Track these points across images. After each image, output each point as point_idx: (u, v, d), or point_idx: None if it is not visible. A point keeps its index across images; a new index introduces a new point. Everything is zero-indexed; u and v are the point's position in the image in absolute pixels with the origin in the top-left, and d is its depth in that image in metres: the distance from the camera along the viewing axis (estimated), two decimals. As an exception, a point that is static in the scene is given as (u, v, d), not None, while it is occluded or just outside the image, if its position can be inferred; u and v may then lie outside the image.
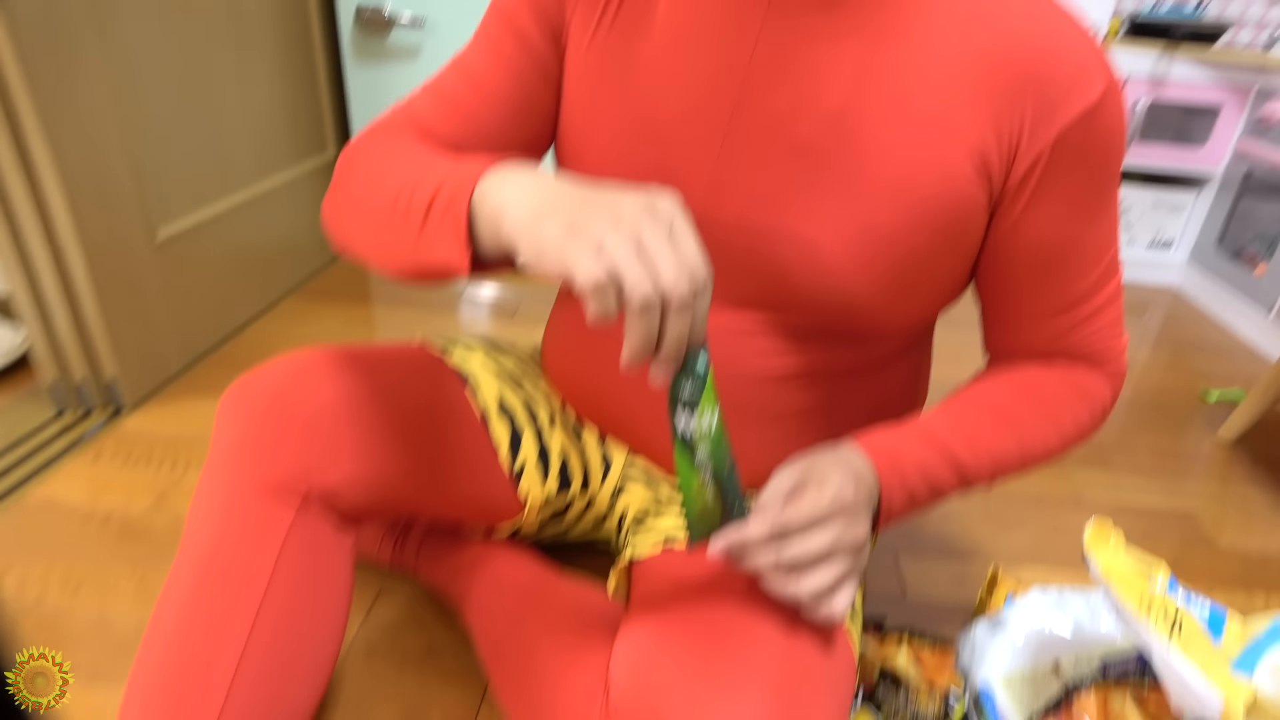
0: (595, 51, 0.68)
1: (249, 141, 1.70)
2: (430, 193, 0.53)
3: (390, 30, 1.85)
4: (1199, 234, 2.49)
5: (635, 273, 0.42)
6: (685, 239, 0.45)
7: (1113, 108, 0.57)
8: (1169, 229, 2.52)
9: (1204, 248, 2.45)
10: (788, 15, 0.59)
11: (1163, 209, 2.49)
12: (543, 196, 0.47)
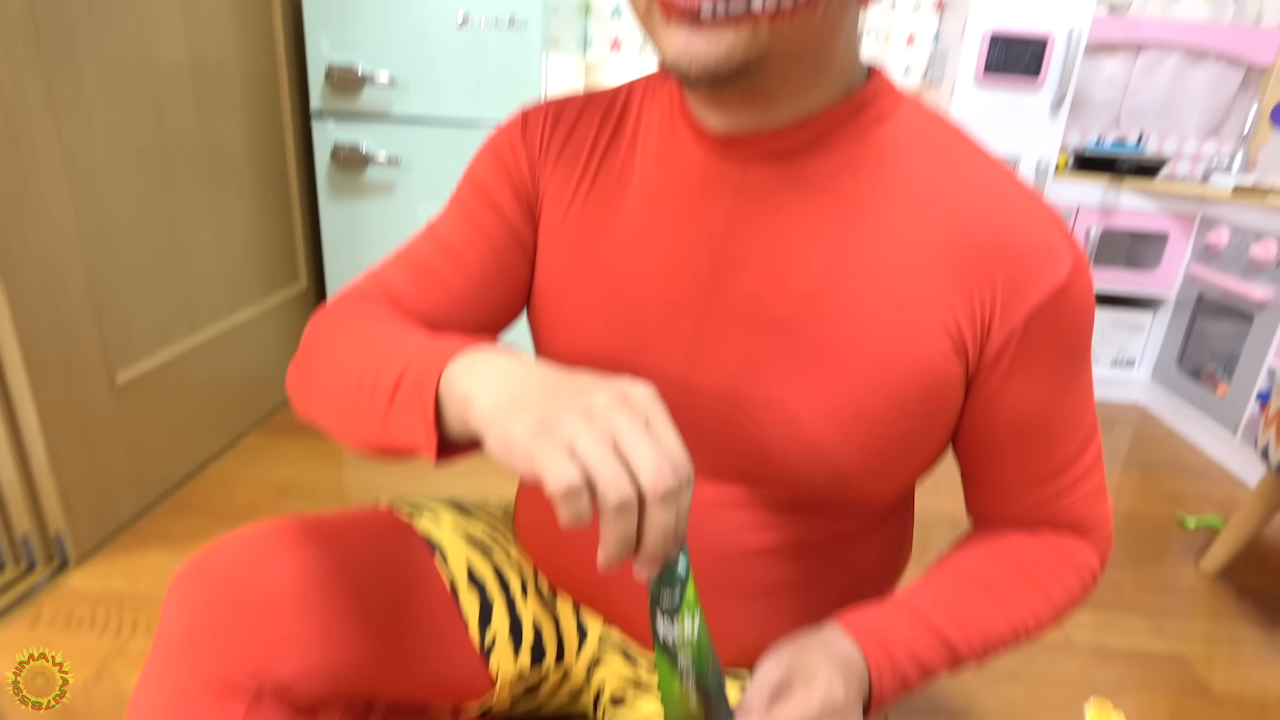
0: (570, 223, 0.68)
1: (219, 276, 1.69)
2: (397, 373, 0.51)
3: (366, 168, 1.89)
4: (1159, 353, 2.55)
5: (610, 472, 0.40)
6: (664, 432, 0.43)
7: (1080, 284, 0.58)
8: (1130, 348, 2.58)
9: (1165, 366, 2.51)
10: (757, 196, 0.60)
11: (1123, 328, 2.56)
12: (512, 385, 0.45)
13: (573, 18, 2.25)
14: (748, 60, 0.51)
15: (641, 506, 0.41)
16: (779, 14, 0.50)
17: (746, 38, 0.50)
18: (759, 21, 0.50)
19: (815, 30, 0.52)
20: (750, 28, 0.50)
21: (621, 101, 0.69)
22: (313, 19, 1.79)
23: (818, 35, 0.53)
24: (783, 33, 0.51)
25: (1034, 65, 2.12)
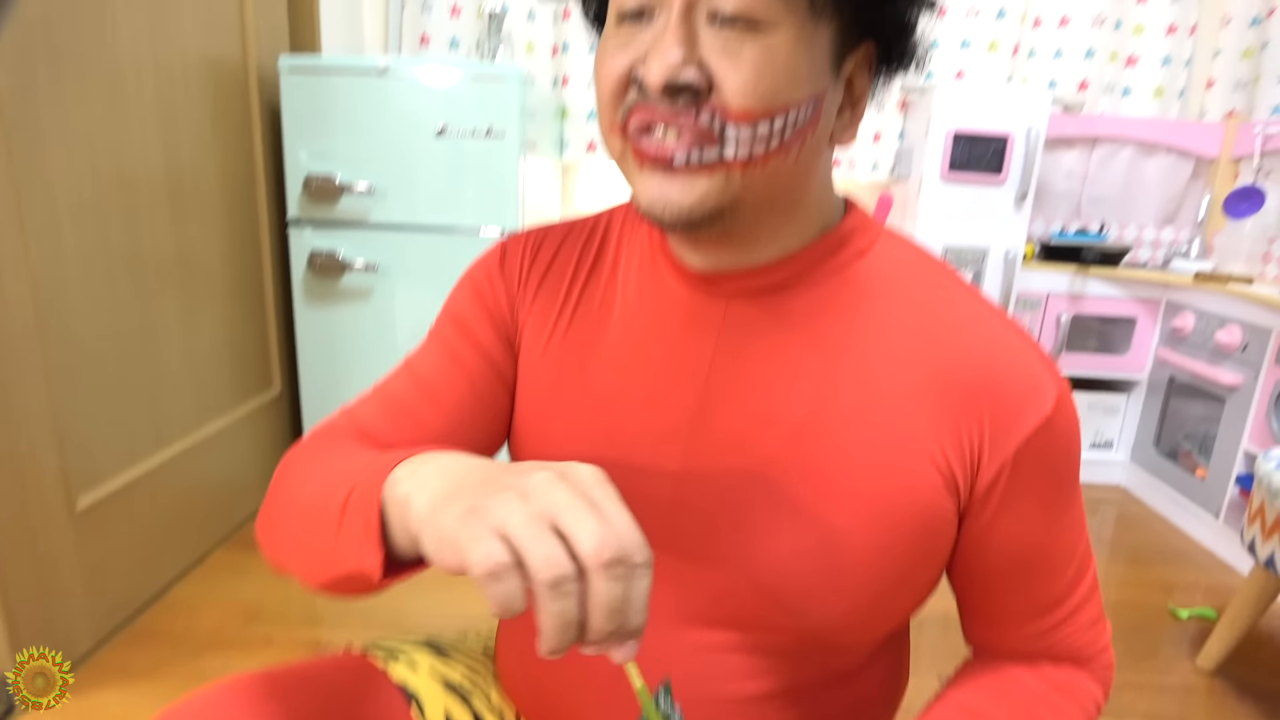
0: (551, 356, 0.67)
1: (190, 388, 1.66)
2: (346, 492, 0.48)
3: (343, 274, 1.88)
4: (1136, 434, 2.57)
5: (542, 547, 0.37)
6: (610, 507, 0.39)
7: (1065, 414, 0.57)
8: (1107, 430, 2.60)
9: (1143, 447, 2.52)
10: (741, 332, 0.59)
11: (1099, 411, 2.58)
12: (450, 480, 0.43)
13: (549, 121, 2.30)
14: (721, 206, 0.51)
15: (584, 584, 0.38)
16: (751, 161, 0.50)
17: (720, 184, 0.50)
18: (731, 169, 0.50)
19: (788, 174, 0.53)
20: (723, 174, 0.50)
21: (600, 232, 0.69)
22: (292, 132, 1.81)
23: (790, 178, 0.53)
24: (755, 178, 0.51)
25: (996, 162, 2.20)
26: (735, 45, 0.47)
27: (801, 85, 0.49)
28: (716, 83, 0.48)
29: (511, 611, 0.37)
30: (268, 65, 1.85)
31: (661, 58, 0.47)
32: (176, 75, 1.55)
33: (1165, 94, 2.59)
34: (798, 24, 0.48)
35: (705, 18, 0.48)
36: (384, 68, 1.77)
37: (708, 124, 0.48)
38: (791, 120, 0.49)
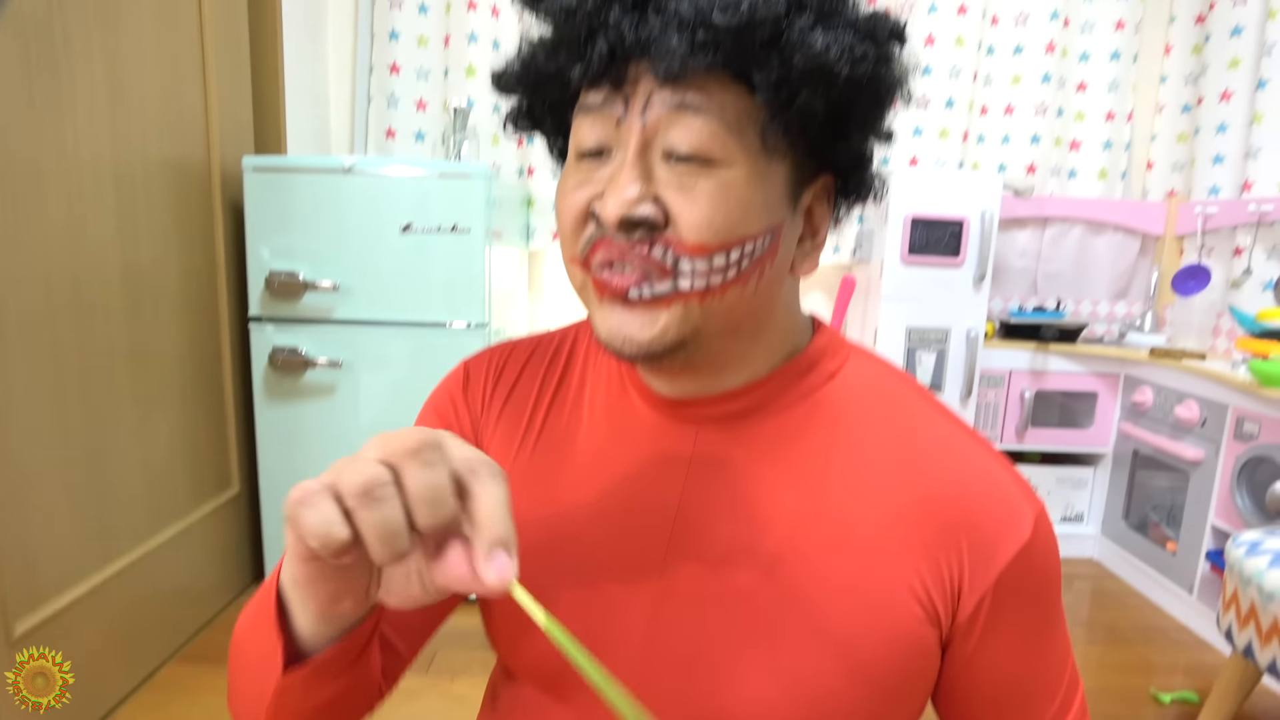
0: (515, 485, 0.65)
1: (143, 495, 1.60)
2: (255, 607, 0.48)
3: (305, 371, 1.85)
4: (1105, 507, 2.59)
5: (352, 467, 0.36)
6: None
7: (1044, 538, 0.57)
8: (1077, 504, 2.62)
9: (1113, 520, 2.54)
10: (712, 461, 0.58)
11: (1067, 485, 2.60)
12: None
13: (515, 211, 2.32)
14: (682, 337, 0.51)
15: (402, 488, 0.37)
16: (708, 292, 0.50)
17: (678, 316, 0.50)
18: (689, 299, 0.49)
19: (749, 303, 0.52)
20: (681, 306, 0.50)
21: (566, 351, 0.68)
22: (254, 230, 1.80)
23: (752, 307, 0.53)
24: (714, 309, 0.51)
25: (954, 245, 2.25)
26: (689, 181, 0.48)
27: (757, 218, 0.49)
28: (672, 217, 0.48)
29: (329, 539, 0.35)
30: (232, 165, 1.85)
31: (617, 193, 0.47)
32: (137, 176, 1.54)
33: (1109, 175, 2.70)
34: (751, 160, 0.49)
35: (660, 155, 0.48)
36: (349, 167, 1.77)
37: (660, 257, 0.48)
38: (748, 251, 0.49)
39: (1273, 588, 1.26)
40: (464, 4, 2.37)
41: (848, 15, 0.49)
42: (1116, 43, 2.63)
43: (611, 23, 0.47)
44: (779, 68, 0.46)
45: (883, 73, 0.50)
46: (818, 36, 0.46)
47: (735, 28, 0.45)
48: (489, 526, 0.38)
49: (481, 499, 0.39)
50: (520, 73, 0.55)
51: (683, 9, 0.45)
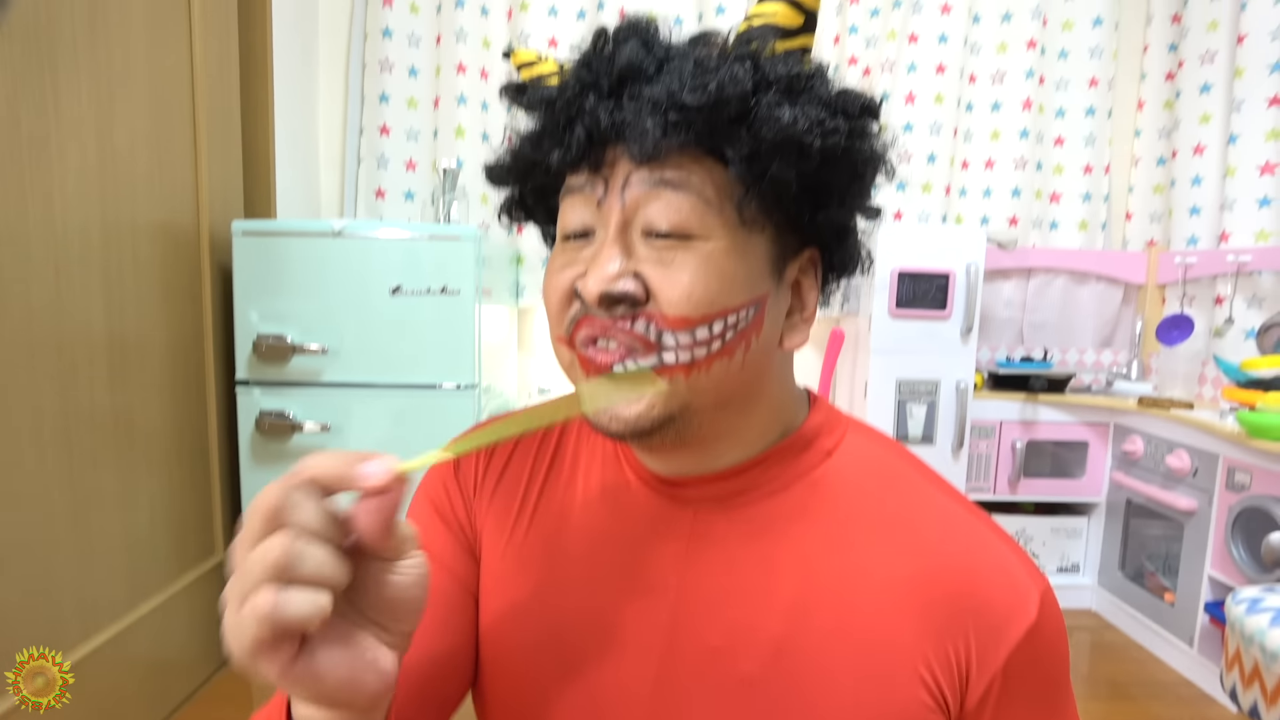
0: (509, 566, 0.63)
1: (123, 565, 1.56)
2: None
3: (293, 435, 1.83)
4: (1100, 557, 2.57)
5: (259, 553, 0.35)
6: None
7: (1051, 617, 0.55)
8: (1072, 554, 2.60)
9: (1109, 570, 2.52)
10: (711, 543, 0.57)
11: (1062, 535, 2.59)
12: None
13: (504, 268, 2.33)
14: (669, 413, 0.51)
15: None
16: (693, 365, 0.50)
17: (664, 391, 0.50)
18: (674, 373, 0.49)
19: (736, 376, 0.52)
20: (666, 380, 0.50)
21: (558, 428, 0.67)
22: (242, 293, 1.80)
23: (740, 381, 0.53)
24: (701, 383, 0.50)
25: (940, 298, 2.27)
26: (669, 256, 0.49)
27: (738, 291, 0.50)
28: (653, 292, 0.49)
29: (319, 610, 0.35)
30: (220, 229, 1.85)
31: (599, 270, 0.48)
32: (125, 241, 1.53)
33: (1090, 226, 2.75)
34: (729, 234, 0.49)
35: (640, 233, 0.49)
36: (338, 230, 1.78)
37: (644, 331, 0.49)
38: (731, 324, 0.50)
39: (1275, 647, 1.24)
40: (453, 68, 2.41)
41: (817, 92, 0.50)
42: (1091, 99, 2.70)
43: (588, 109, 0.49)
44: (749, 142, 0.48)
45: (858, 146, 0.51)
46: (784, 111, 0.47)
47: (705, 106, 0.46)
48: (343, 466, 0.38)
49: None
50: (510, 164, 0.57)
51: (655, 92, 0.47)
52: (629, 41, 0.50)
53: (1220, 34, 2.47)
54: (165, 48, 1.67)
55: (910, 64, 2.62)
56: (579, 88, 0.50)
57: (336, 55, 2.47)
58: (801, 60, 0.51)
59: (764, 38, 0.51)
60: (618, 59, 0.49)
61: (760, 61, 0.49)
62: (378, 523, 0.38)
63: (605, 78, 0.49)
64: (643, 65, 0.49)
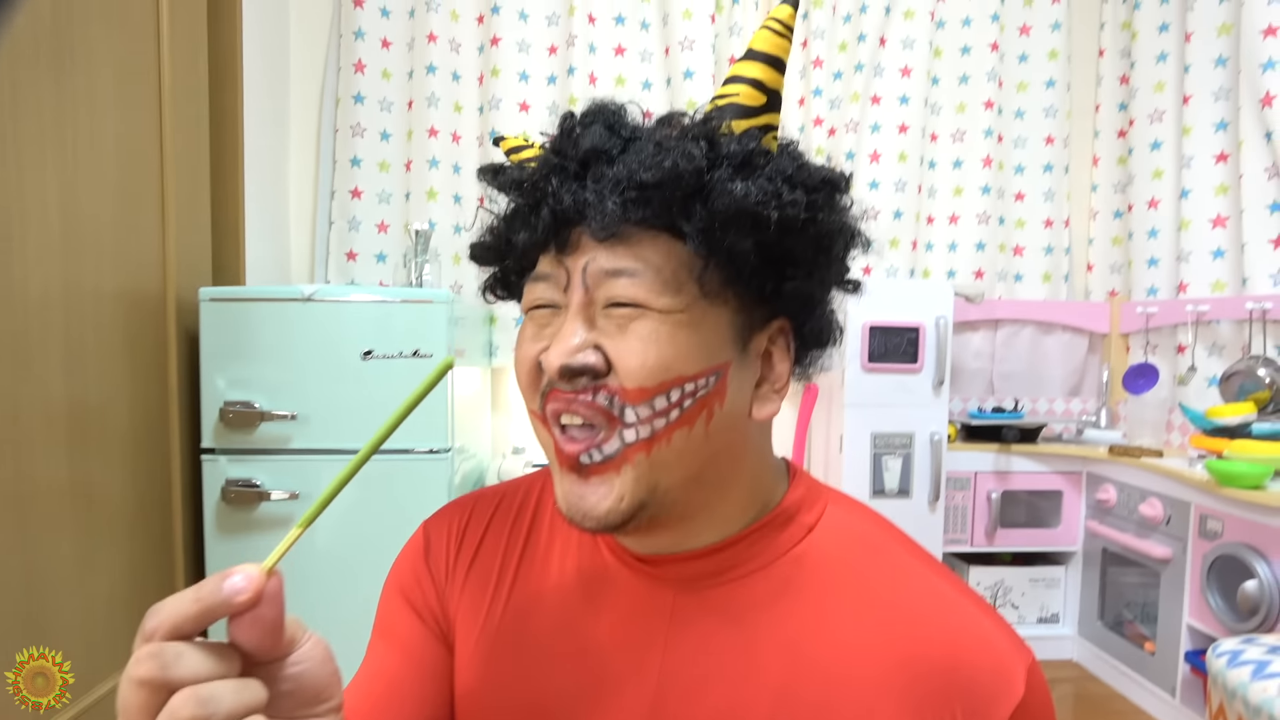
0: (483, 653, 0.61)
1: (80, 646, 1.49)
2: None
3: (259, 504, 1.78)
4: (1080, 607, 2.56)
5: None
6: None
7: (1038, 692, 0.54)
8: (1052, 604, 2.59)
9: (1088, 620, 2.51)
10: (692, 627, 0.55)
11: (1040, 585, 2.58)
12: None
13: (477, 329, 2.32)
14: (639, 500, 0.50)
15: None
16: (654, 439, 0.49)
17: (631, 479, 0.50)
18: (637, 454, 0.49)
19: (702, 447, 0.52)
20: (631, 467, 0.50)
21: (533, 504, 0.65)
22: (210, 360, 1.76)
23: (708, 452, 0.52)
24: (665, 458, 0.50)
25: (911, 352, 2.30)
26: (626, 325, 0.49)
27: (695, 359, 0.50)
28: (613, 363, 0.49)
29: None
30: (188, 295, 1.82)
31: (561, 344, 0.49)
32: (88, 308, 1.50)
33: (1053, 278, 2.81)
34: (689, 307, 0.50)
35: (602, 307, 0.50)
36: (308, 295, 1.76)
37: (606, 404, 0.49)
38: (689, 391, 0.50)
39: (1259, 701, 1.24)
40: (425, 131, 2.43)
41: (776, 166, 0.51)
42: (1048, 156, 2.79)
43: (553, 191, 0.50)
44: (703, 216, 0.49)
45: (820, 219, 0.52)
46: (737, 185, 0.48)
47: (660, 184, 0.48)
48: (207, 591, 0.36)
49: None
50: (490, 244, 0.58)
51: (614, 172, 0.49)
52: (594, 125, 0.52)
53: (1167, 94, 2.58)
54: (134, 111, 1.66)
55: (874, 124, 2.69)
56: (546, 170, 0.51)
57: (308, 120, 2.48)
58: (760, 138, 0.52)
59: (725, 117, 0.52)
60: (582, 143, 0.51)
61: (716, 139, 0.50)
62: (265, 632, 0.37)
63: (571, 161, 0.51)
64: (606, 148, 0.50)
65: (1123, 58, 2.77)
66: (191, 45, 1.89)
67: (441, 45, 2.44)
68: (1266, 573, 1.75)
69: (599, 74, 2.54)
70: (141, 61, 1.69)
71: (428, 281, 2.25)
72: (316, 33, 2.46)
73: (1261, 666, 1.29)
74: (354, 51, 2.39)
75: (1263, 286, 2.25)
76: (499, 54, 2.48)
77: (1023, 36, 2.79)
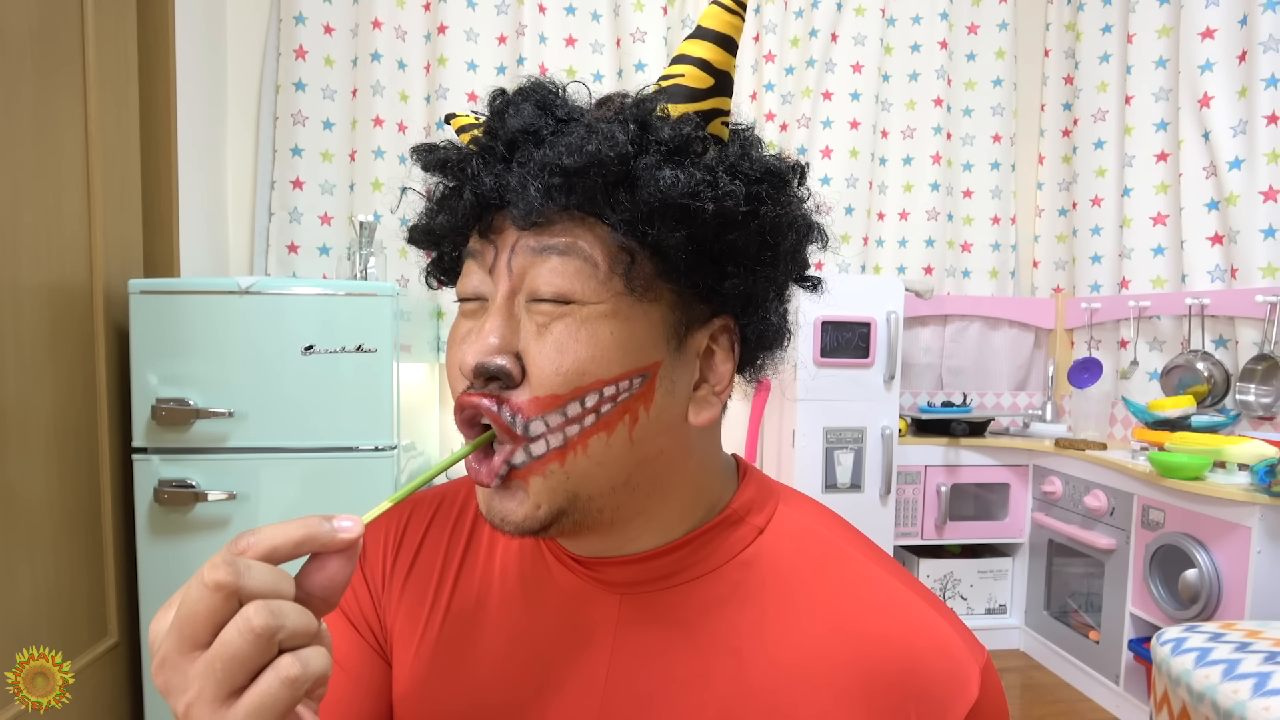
0: (422, 664, 0.58)
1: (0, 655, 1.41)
2: None
3: (195, 505, 1.71)
4: (1026, 597, 2.61)
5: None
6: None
7: (992, 692, 0.53)
8: (999, 594, 2.64)
9: (1035, 610, 2.56)
10: (640, 632, 0.53)
11: (989, 576, 2.62)
12: None
13: (424, 323, 2.27)
14: (557, 507, 0.48)
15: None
16: (566, 448, 0.46)
17: (544, 487, 0.47)
18: (548, 463, 0.46)
19: (625, 454, 0.48)
20: (541, 478, 0.47)
21: (474, 507, 0.62)
22: (140, 355, 1.68)
23: (636, 458, 0.49)
24: (581, 466, 0.47)
25: (863, 347, 2.31)
26: (545, 325, 0.46)
27: (615, 361, 0.47)
28: (527, 370, 0.46)
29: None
30: (117, 287, 1.74)
31: (478, 342, 0.46)
32: (5, 301, 1.42)
33: (1000, 274, 2.86)
34: (613, 302, 0.47)
35: (526, 300, 0.47)
36: (246, 287, 1.69)
37: (509, 421, 0.46)
38: (609, 395, 0.47)
39: (1202, 688, 1.26)
40: (369, 121, 2.37)
41: (719, 155, 0.48)
42: (995, 154, 2.83)
43: (474, 174, 0.48)
44: (628, 205, 0.46)
45: (764, 211, 0.48)
46: (665, 173, 0.45)
47: (581, 169, 0.45)
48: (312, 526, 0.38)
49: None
50: (423, 227, 0.55)
51: (538, 156, 0.46)
52: (524, 105, 0.48)
53: (1110, 94, 2.63)
54: (53, 91, 1.57)
55: (825, 119, 2.70)
56: (472, 151, 0.49)
57: (246, 106, 2.39)
58: (700, 123, 0.48)
59: (672, 99, 0.49)
60: (510, 122, 0.48)
61: (650, 122, 0.47)
62: (336, 584, 0.38)
63: (498, 142, 0.48)
64: (537, 129, 0.47)
65: (1067, 58, 2.82)
66: (119, 23, 1.80)
67: (387, 32, 2.38)
68: (1206, 561, 1.79)
69: (550, 64, 2.50)
70: (62, 38, 1.61)
71: (373, 275, 2.18)
72: (255, 16, 2.37)
73: (1204, 654, 1.31)
74: (295, 37, 2.31)
75: (1201, 283, 2.31)
76: (446, 42, 2.42)
77: (971, 35, 2.82)
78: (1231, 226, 2.20)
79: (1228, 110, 2.23)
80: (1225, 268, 2.26)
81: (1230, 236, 2.21)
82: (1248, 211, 2.16)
